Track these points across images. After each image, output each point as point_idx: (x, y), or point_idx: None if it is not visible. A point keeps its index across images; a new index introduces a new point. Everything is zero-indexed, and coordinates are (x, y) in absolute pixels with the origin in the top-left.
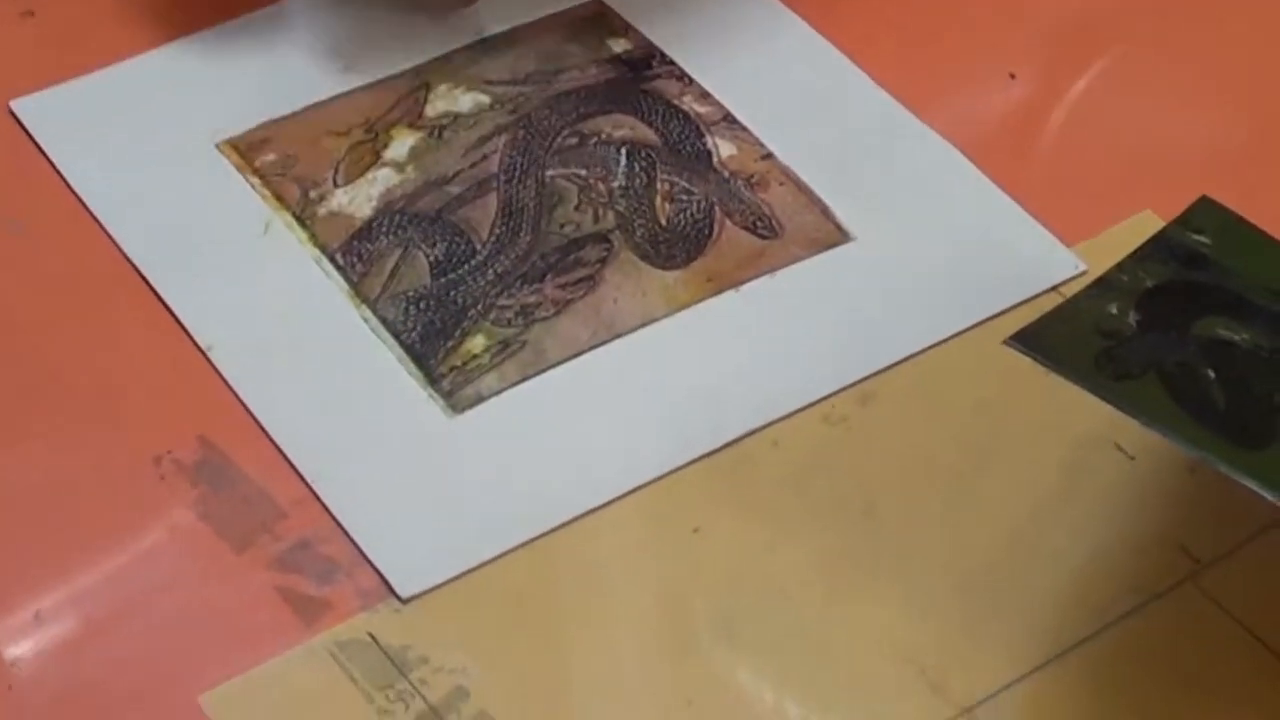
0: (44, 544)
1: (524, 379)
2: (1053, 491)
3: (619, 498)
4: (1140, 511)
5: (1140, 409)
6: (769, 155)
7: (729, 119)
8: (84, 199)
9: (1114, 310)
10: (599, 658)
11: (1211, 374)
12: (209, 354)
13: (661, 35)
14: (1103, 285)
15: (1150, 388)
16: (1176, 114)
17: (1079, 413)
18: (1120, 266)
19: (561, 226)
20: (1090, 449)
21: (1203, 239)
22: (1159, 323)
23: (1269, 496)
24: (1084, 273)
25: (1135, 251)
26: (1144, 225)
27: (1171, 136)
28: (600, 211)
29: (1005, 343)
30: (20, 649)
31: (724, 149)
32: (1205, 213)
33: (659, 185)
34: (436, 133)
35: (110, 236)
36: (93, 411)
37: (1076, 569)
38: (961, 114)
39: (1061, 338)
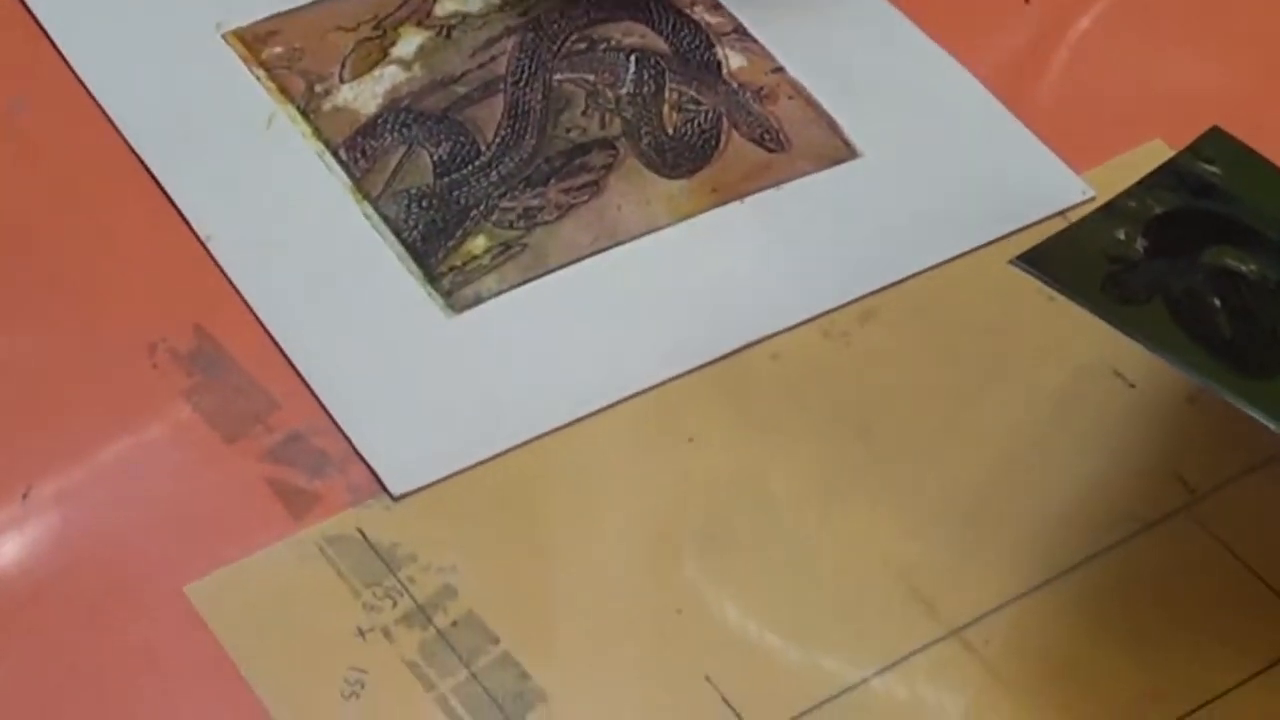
0: (35, 428)
1: (524, 281)
2: (1051, 417)
3: (614, 404)
4: (1138, 440)
5: (1145, 334)
6: (779, 69)
7: (740, 30)
8: (87, 82)
9: (1122, 235)
10: (588, 563)
11: (1218, 303)
12: (207, 244)
13: None
14: (1111, 210)
15: (1156, 313)
16: (1189, 44)
17: (1080, 339)
18: (1129, 193)
19: (567, 131)
20: (1090, 375)
21: (1213, 169)
22: (1167, 249)
23: (1271, 426)
24: (1092, 199)
25: (1145, 179)
26: (1153, 154)
27: (1184, 66)
28: (607, 118)
29: (1011, 262)
30: (6, 531)
31: (734, 60)
32: (1216, 143)
33: (667, 94)
34: (445, 32)
35: (112, 121)
36: (88, 296)
37: (1071, 495)
38: (975, 37)
39: (1068, 260)
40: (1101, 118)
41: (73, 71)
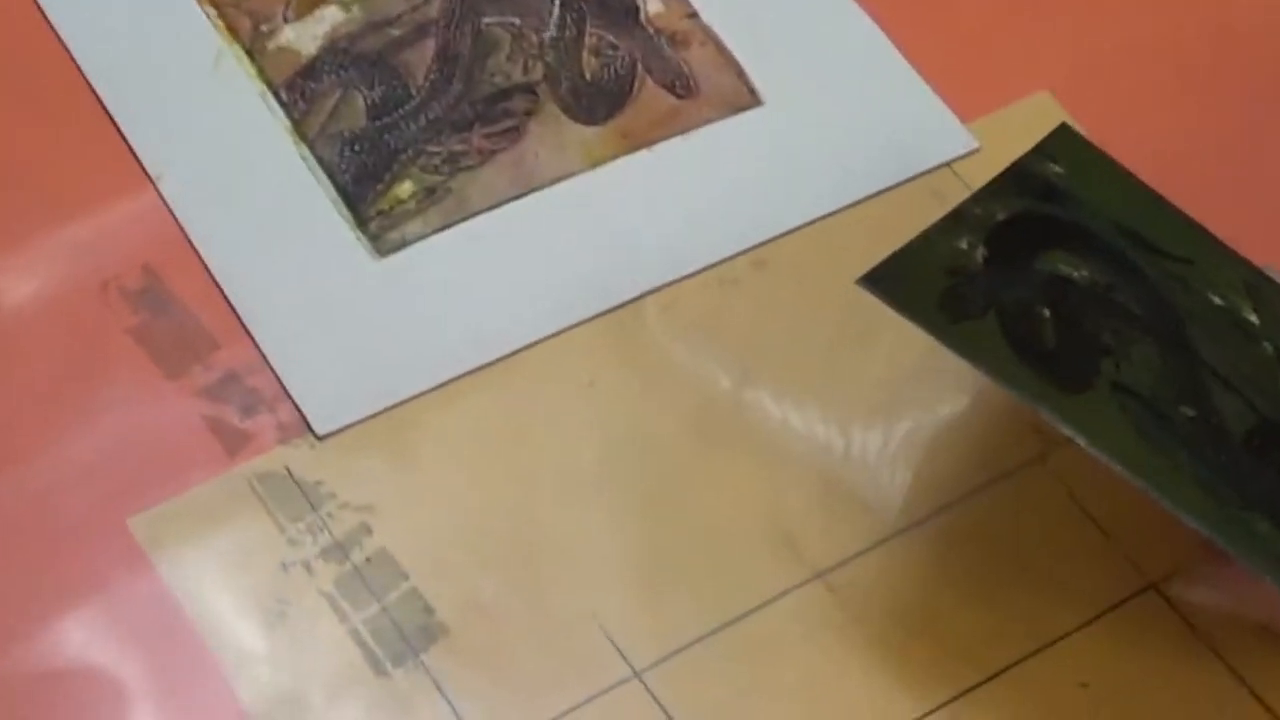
0: None
1: (446, 226)
2: (923, 366)
3: (525, 347)
4: (999, 391)
5: (975, 353)
6: (694, 14)
7: None
8: (45, 10)
9: (964, 245)
10: (493, 503)
11: (1046, 312)
12: (157, 183)
13: None
14: (956, 218)
15: (989, 329)
16: None
17: None
18: (975, 198)
19: (492, 76)
20: None
21: (1057, 168)
22: (1004, 257)
23: (1083, 443)
24: (976, 150)
25: (991, 182)
26: (1039, 106)
27: (1077, 18)
28: (530, 63)
29: (857, 282)
30: None
31: (652, 5)
32: (1063, 141)
33: (587, 38)
34: None
35: (69, 54)
36: (45, 233)
37: (937, 443)
38: None
39: (910, 277)
40: (993, 66)
41: (36, 4)
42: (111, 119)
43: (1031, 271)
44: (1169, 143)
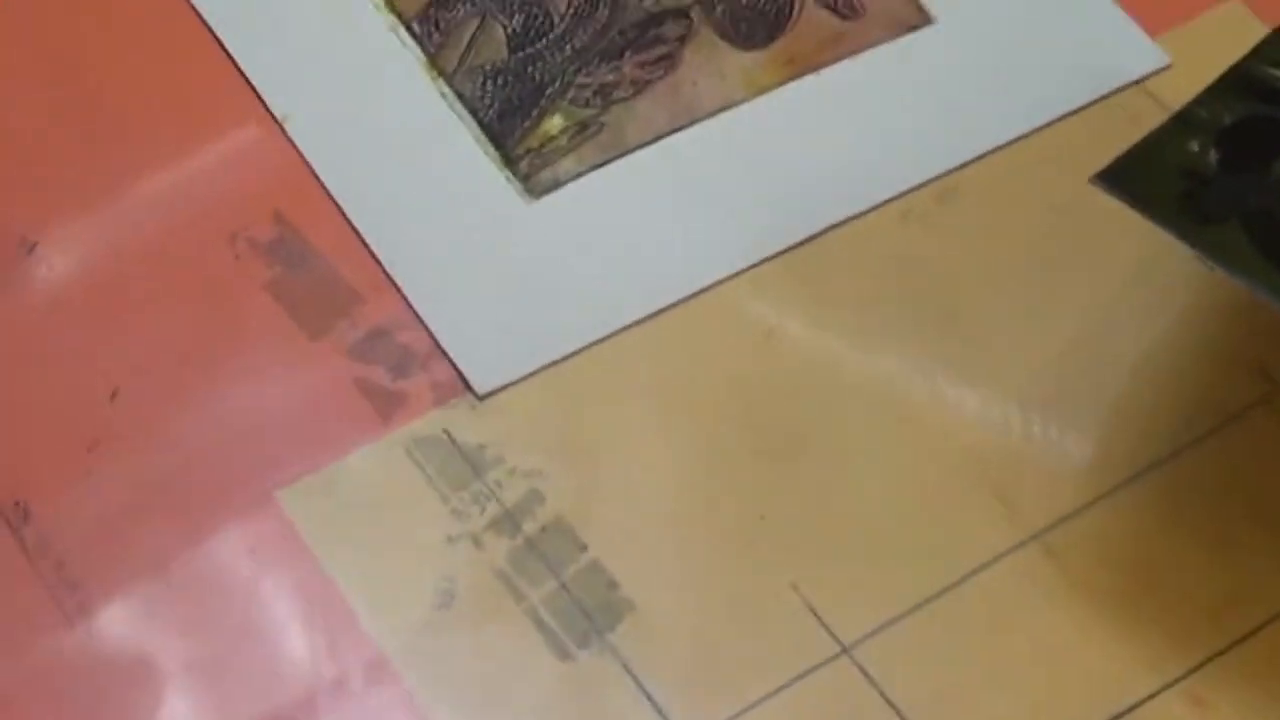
0: (118, 325)
1: (602, 163)
2: (1130, 299)
3: (694, 294)
4: (1217, 326)
5: (1227, 258)
6: None
7: None
8: None
9: (1195, 148)
10: (672, 465)
11: None
12: (284, 125)
13: None
14: (1182, 120)
15: (1234, 234)
16: None
17: None
18: (1199, 100)
19: (641, 0)
20: (1169, 256)
21: (1279, 73)
22: (1239, 161)
23: None
24: (1167, 66)
25: (1211, 86)
26: (1231, 16)
27: None
28: None
29: (1091, 181)
30: (98, 433)
31: None
32: None
33: None
34: None
35: None
36: (168, 183)
37: (1150, 385)
38: None
39: (1145, 176)
40: None
41: None
42: (232, 59)
43: (1271, 177)
44: None
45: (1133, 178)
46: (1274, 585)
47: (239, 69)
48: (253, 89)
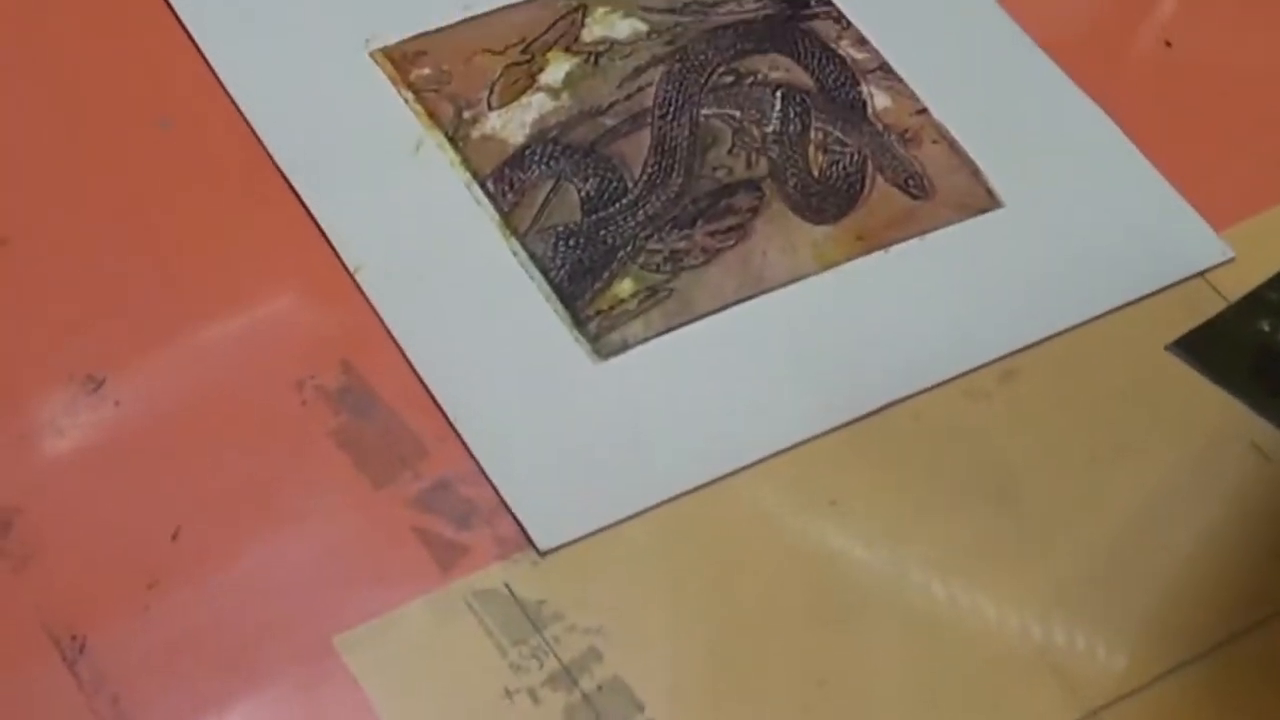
0: (183, 465)
1: (670, 329)
2: (1186, 486)
3: (760, 460)
4: (1274, 516)
5: None
6: (924, 110)
7: (885, 68)
8: (234, 96)
9: (1266, 327)
10: (733, 628)
11: None
12: (356, 275)
13: None
14: (1253, 300)
15: None
16: None
17: (1217, 409)
18: (1269, 284)
19: (714, 170)
20: (1227, 446)
21: None
22: None
23: None
24: (1232, 259)
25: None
26: None
27: None
28: (753, 157)
29: (1168, 348)
30: (158, 571)
31: (879, 100)
32: None
33: (813, 134)
34: (593, 59)
35: (261, 141)
36: (237, 327)
37: (1205, 572)
38: (1116, 81)
39: (1219, 348)
40: (1242, 170)
41: (223, 87)
42: (307, 209)
43: None
44: None
45: (1206, 349)
46: None
47: (313, 218)
48: (326, 238)
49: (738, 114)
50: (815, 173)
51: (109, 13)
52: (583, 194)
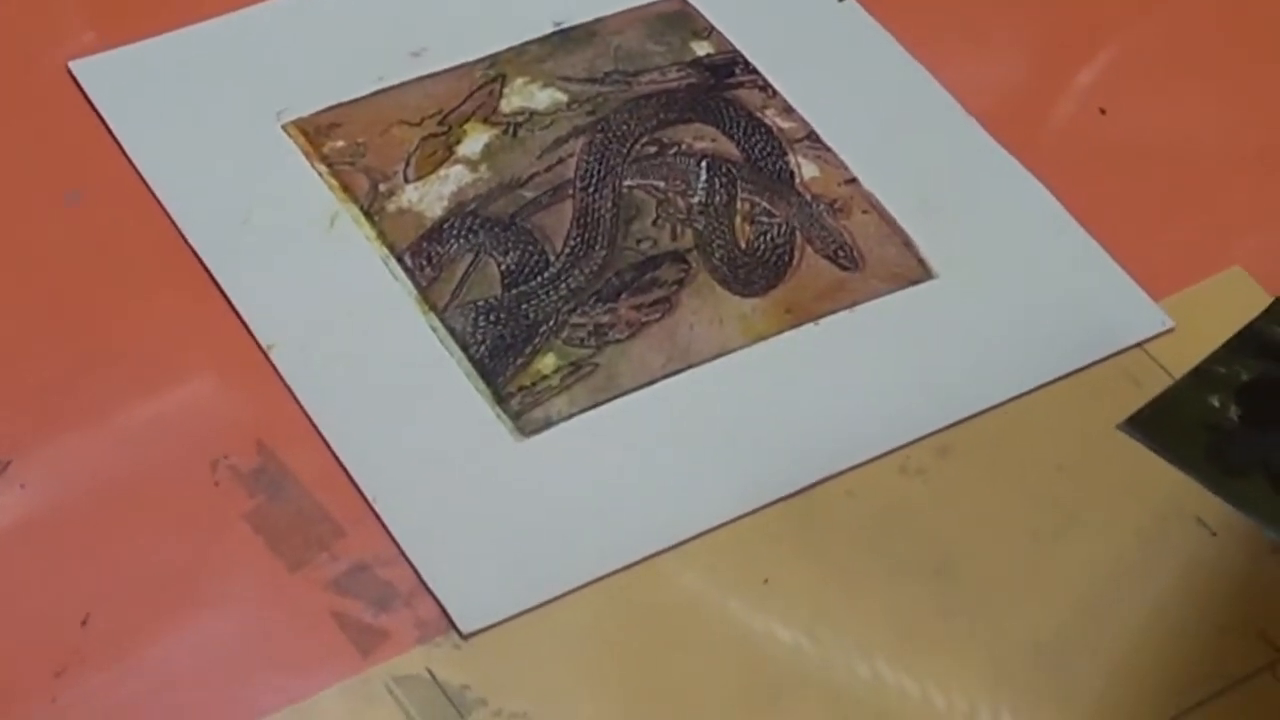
0: (93, 548)
1: (595, 405)
2: (1131, 563)
3: (688, 540)
4: (1220, 591)
5: (1258, 511)
6: (853, 180)
7: (812, 137)
8: (142, 171)
9: (1216, 403)
10: (662, 711)
11: None
12: (269, 353)
13: (745, 40)
14: (1200, 376)
15: (1257, 487)
16: (1267, 168)
17: (1160, 483)
18: (1214, 358)
19: (638, 242)
20: (1171, 521)
21: None
22: (1261, 418)
23: None
24: (1171, 329)
25: (1227, 343)
26: (1233, 283)
27: (1264, 191)
28: (678, 229)
29: (1119, 427)
30: (66, 659)
31: (807, 170)
32: None
33: (739, 204)
34: (512, 130)
35: (171, 217)
36: (148, 407)
37: (1151, 648)
38: (1050, 149)
39: (1171, 426)
40: (1179, 240)
41: (126, 157)
42: (219, 286)
43: None
44: None
45: (1159, 428)
46: None
47: (225, 295)
48: (239, 316)
49: (662, 184)
50: (742, 244)
51: (12, 87)
52: (503, 267)
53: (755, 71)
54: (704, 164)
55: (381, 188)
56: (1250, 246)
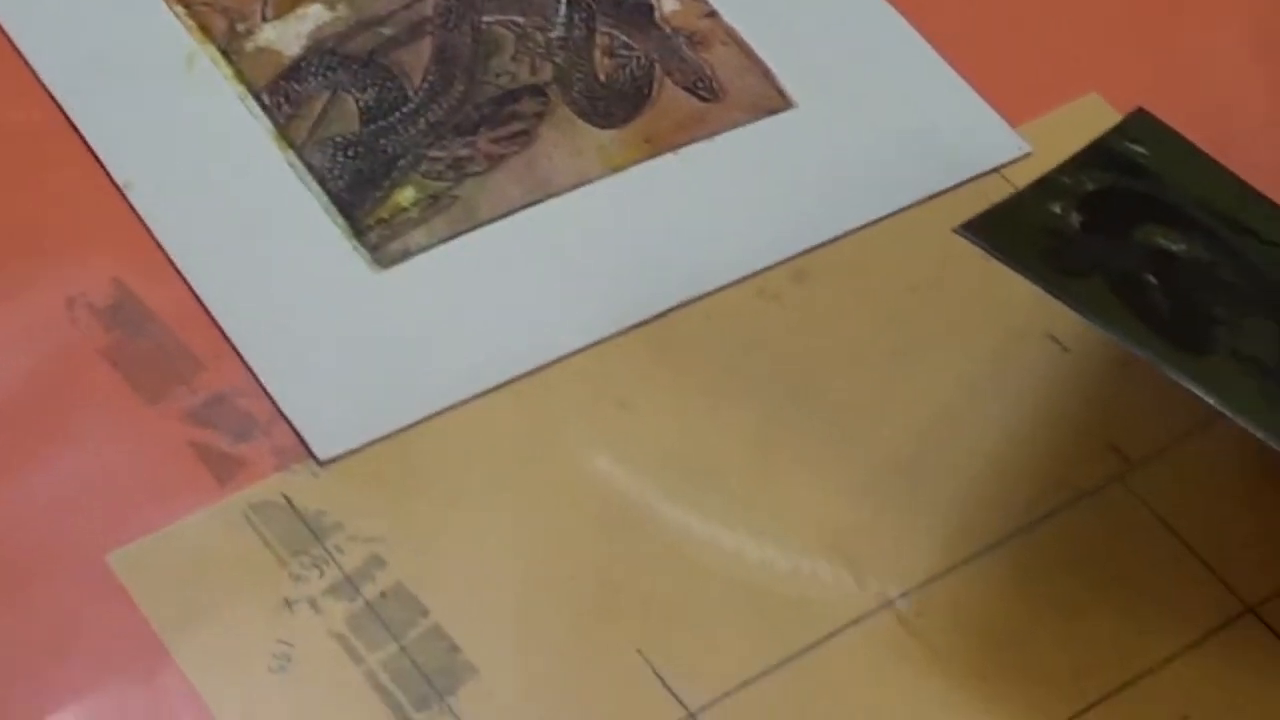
0: None
1: (453, 236)
2: (985, 380)
3: (546, 366)
4: (1072, 406)
5: (1091, 308)
6: (713, 13)
7: None
8: None
9: (1057, 210)
10: (519, 533)
11: (1154, 280)
12: (126, 191)
13: None
14: (1044, 185)
15: (1097, 288)
16: None
17: (1013, 301)
18: (1061, 169)
19: (497, 76)
20: (1024, 338)
21: (1140, 149)
22: (1101, 226)
23: (1214, 403)
24: (1028, 154)
25: (1075, 156)
26: (1090, 109)
27: (1122, 18)
28: (537, 63)
29: (955, 230)
30: None
31: (667, 4)
32: (1142, 124)
33: (598, 38)
34: None
35: (23, 56)
36: (1, 246)
37: (1006, 461)
38: None
39: (1010, 230)
40: (1038, 67)
41: None
42: (72, 124)
43: (1131, 242)
44: (1232, 139)
45: (997, 231)
46: (1123, 655)
47: (79, 133)
48: (93, 153)
49: (521, 20)
50: (602, 77)
51: None
52: (361, 104)
53: None
54: None
55: (239, 27)
56: (1108, 74)
